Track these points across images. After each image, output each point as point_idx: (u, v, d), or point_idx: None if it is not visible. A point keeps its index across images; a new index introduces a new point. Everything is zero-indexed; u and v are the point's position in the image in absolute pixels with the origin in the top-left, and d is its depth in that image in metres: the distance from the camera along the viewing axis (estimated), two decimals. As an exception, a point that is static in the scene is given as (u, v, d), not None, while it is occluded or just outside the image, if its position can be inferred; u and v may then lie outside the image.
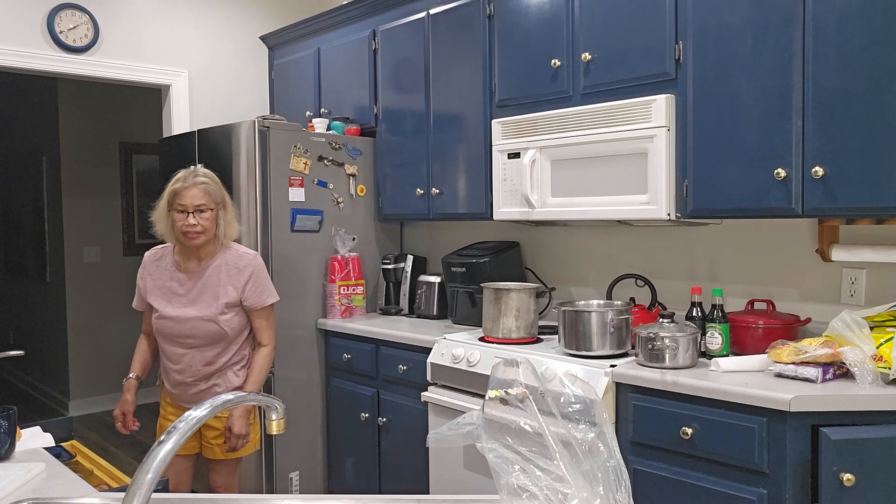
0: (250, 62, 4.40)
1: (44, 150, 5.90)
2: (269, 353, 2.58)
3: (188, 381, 2.51)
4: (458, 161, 3.18)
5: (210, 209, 2.43)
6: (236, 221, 2.56)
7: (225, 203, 2.50)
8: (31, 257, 6.24)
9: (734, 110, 2.26)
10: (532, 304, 2.73)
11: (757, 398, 1.93)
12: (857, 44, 2.00)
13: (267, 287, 2.55)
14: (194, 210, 2.40)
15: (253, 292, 2.51)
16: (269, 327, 2.58)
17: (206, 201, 2.42)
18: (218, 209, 2.47)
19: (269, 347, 2.58)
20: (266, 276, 2.56)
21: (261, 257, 2.59)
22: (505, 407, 1.15)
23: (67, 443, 2.10)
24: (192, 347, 2.48)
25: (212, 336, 2.47)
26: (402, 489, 3.10)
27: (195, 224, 2.39)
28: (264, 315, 2.56)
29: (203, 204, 2.41)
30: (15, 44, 3.54)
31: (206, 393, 2.51)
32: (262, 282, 2.53)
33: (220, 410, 1.07)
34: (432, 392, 2.80)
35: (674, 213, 2.43)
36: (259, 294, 2.52)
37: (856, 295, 2.36)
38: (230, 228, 2.52)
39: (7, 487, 1.43)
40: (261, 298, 2.52)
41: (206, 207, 2.42)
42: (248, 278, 2.50)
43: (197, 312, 2.45)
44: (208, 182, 2.45)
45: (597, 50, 2.61)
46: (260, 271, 2.53)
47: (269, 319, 2.58)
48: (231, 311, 2.48)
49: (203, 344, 2.48)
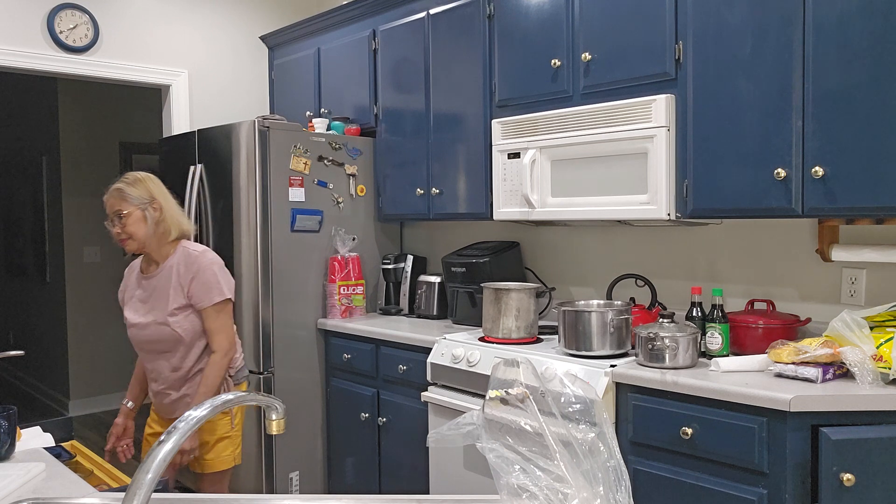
0: (250, 62, 4.40)
1: (44, 150, 5.90)
2: (220, 363, 2.38)
3: (162, 390, 2.45)
4: (458, 161, 3.18)
5: (129, 213, 2.31)
6: (182, 217, 2.43)
7: (155, 201, 2.36)
8: (31, 257, 6.24)
9: (734, 110, 2.26)
10: (532, 304, 2.73)
11: (757, 398, 1.93)
12: (857, 44, 2.00)
13: (215, 285, 2.37)
14: (114, 217, 2.31)
15: (198, 290, 2.35)
16: (220, 331, 2.39)
17: (121, 206, 2.31)
18: (144, 210, 2.33)
19: (219, 355, 2.38)
20: (216, 273, 2.38)
21: (213, 253, 2.43)
22: (505, 407, 1.15)
23: (67, 443, 2.09)
24: (156, 354, 2.41)
25: (169, 341, 2.37)
26: (402, 489, 3.10)
27: (119, 232, 2.31)
28: (213, 316, 2.38)
29: (120, 209, 2.30)
30: (15, 44, 3.54)
31: (179, 402, 2.44)
32: (208, 279, 2.36)
33: (220, 410, 1.07)
34: (432, 392, 2.80)
35: (674, 213, 2.43)
36: (205, 292, 2.36)
37: (856, 295, 2.36)
38: (171, 226, 2.38)
39: (7, 487, 1.43)
40: (206, 296, 2.35)
41: (125, 212, 2.30)
42: (193, 276, 2.36)
43: (153, 317, 2.37)
44: (123, 186, 2.33)
45: (597, 50, 2.61)
46: (207, 268, 2.37)
47: (220, 321, 2.39)
48: (182, 312, 2.36)
49: (165, 350, 2.39)
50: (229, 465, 2.50)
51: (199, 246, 2.45)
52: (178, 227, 2.41)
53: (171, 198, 2.43)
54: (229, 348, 2.41)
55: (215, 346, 2.38)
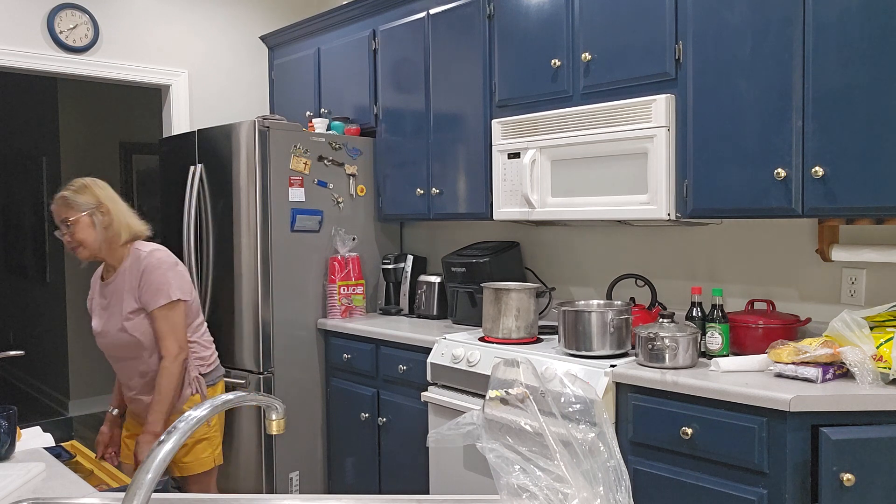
0: (250, 62, 4.40)
1: (44, 150, 5.90)
2: (170, 368, 2.30)
3: (134, 396, 2.43)
4: (458, 161, 3.18)
5: (77, 219, 2.27)
6: (132, 218, 2.38)
7: (102, 205, 2.31)
8: (31, 257, 6.24)
9: (734, 110, 2.26)
10: (532, 304, 2.73)
11: (757, 398, 1.93)
12: (857, 44, 2.00)
13: (162, 286, 2.29)
14: (62, 225, 2.27)
15: (146, 292, 2.29)
16: (168, 334, 2.30)
17: (68, 213, 2.26)
18: (92, 215, 2.29)
19: (168, 360, 2.30)
20: (164, 273, 2.31)
21: (163, 252, 2.37)
22: (505, 407, 1.15)
23: (67, 443, 2.09)
24: (123, 360, 2.39)
25: (130, 346, 2.34)
26: (402, 489, 3.10)
27: (69, 240, 2.27)
28: (160, 318, 2.30)
29: (67, 217, 2.26)
30: (15, 44, 3.54)
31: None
32: (155, 279, 2.29)
33: (220, 410, 1.07)
34: (432, 392, 2.80)
35: (674, 213, 2.43)
36: (151, 294, 2.28)
37: (856, 295, 2.36)
38: (121, 229, 2.33)
39: (7, 487, 1.43)
40: (153, 299, 2.28)
41: (72, 219, 2.26)
42: (140, 278, 2.29)
43: (113, 324, 2.34)
44: (69, 193, 2.28)
45: (597, 50, 2.61)
46: (154, 269, 2.29)
47: (169, 324, 2.31)
48: (136, 316, 2.31)
49: (129, 356, 2.36)
50: (209, 467, 2.48)
51: (149, 245, 2.39)
52: (129, 230, 2.36)
53: (119, 200, 2.38)
54: (179, 352, 2.33)
55: (163, 350, 2.31)
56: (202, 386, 2.45)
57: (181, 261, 2.40)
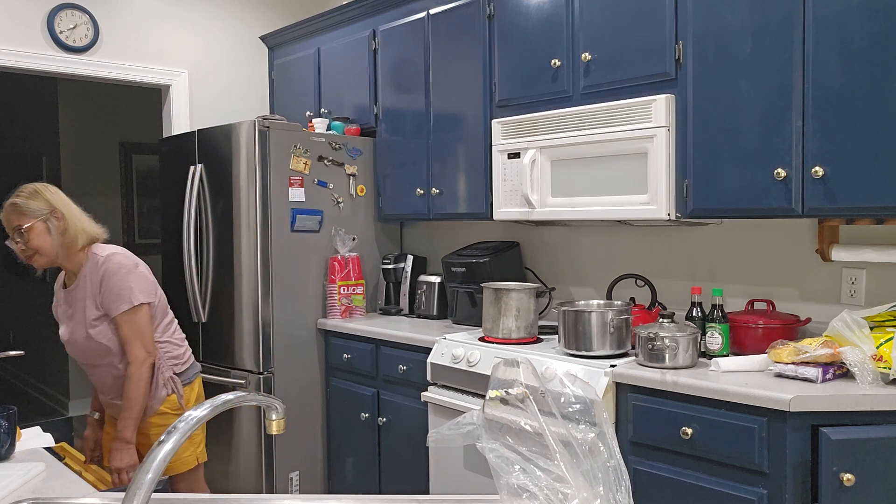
0: (250, 62, 4.40)
1: (44, 150, 5.90)
2: (137, 374, 2.26)
3: (110, 400, 2.41)
4: (458, 161, 3.18)
5: (31, 226, 2.20)
6: (87, 222, 2.32)
7: (55, 210, 2.25)
8: (31, 257, 6.23)
9: (734, 110, 2.26)
10: (532, 304, 2.73)
11: (757, 398, 1.93)
12: (857, 44, 2.00)
13: (123, 291, 2.24)
14: (15, 233, 2.21)
15: (107, 298, 2.24)
16: (133, 339, 2.25)
17: (21, 221, 2.20)
18: (46, 221, 2.22)
19: (134, 366, 2.26)
20: (123, 277, 2.25)
21: (122, 255, 2.30)
22: (505, 407, 1.15)
23: (57, 445, 2.07)
24: (95, 367, 2.37)
25: (98, 353, 2.31)
26: (402, 489, 3.10)
27: (24, 248, 2.21)
28: (123, 324, 2.25)
29: (20, 224, 2.20)
30: (15, 44, 3.54)
31: None
32: (114, 285, 2.23)
33: (220, 411, 1.07)
34: (432, 392, 2.80)
35: (674, 213, 2.43)
36: (112, 300, 2.24)
37: (856, 295, 2.36)
38: (77, 233, 2.27)
39: (7, 487, 1.43)
40: (114, 305, 2.23)
41: (26, 226, 2.20)
42: (100, 283, 2.24)
43: (79, 332, 2.30)
44: (20, 200, 2.22)
45: (597, 50, 2.61)
46: (113, 274, 2.24)
47: (134, 329, 2.26)
48: (100, 323, 2.28)
49: (100, 362, 2.34)
50: (192, 465, 2.46)
51: (107, 248, 2.33)
52: (86, 234, 2.30)
53: (72, 205, 2.32)
54: (146, 356, 2.29)
55: (129, 355, 2.27)
56: (178, 385, 2.42)
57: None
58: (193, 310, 3.50)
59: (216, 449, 3.42)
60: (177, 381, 2.42)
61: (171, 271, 3.70)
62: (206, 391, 2.62)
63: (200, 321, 3.51)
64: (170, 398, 2.41)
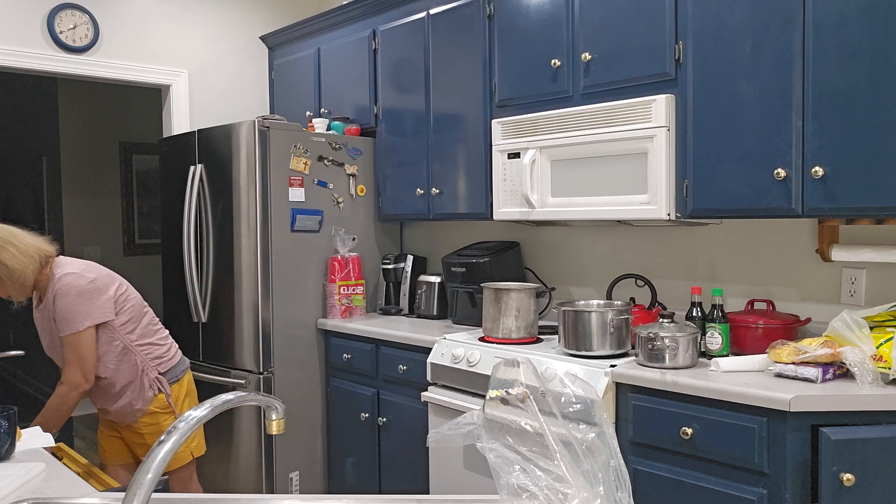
0: (250, 62, 4.40)
1: (44, 150, 5.89)
2: (65, 395, 2.23)
3: (101, 407, 2.44)
4: (458, 161, 3.18)
5: None
6: (29, 248, 2.23)
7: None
8: (30, 257, 6.23)
9: (734, 110, 2.26)
10: (532, 304, 2.73)
11: (757, 398, 1.93)
12: (857, 44, 2.00)
13: (69, 315, 2.21)
14: None
15: (57, 317, 2.23)
16: (74, 363, 2.23)
17: None
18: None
19: (66, 387, 2.23)
20: (72, 300, 2.22)
21: (74, 276, 2.25)
22: (505, 407, 1.15)
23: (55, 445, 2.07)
24: None
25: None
26: (402, 489, 3.10)
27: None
28: (68, 345, 2.23)
29: None
30: (15, 44, 3.54)
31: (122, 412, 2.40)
32: (60, 307, 2.21)
33: (220, 411, 1.07)
34: (432, 392, 2.80)
35: (674, 213, 2.43)
36: (60, 320, 2.22)
37: (856, 295, 2.36)
38: (26, 266, 2.20)
39: (7, 487, 1.43)
40: (60, 326, 2.22)
41: None
42: (53, 302, 2.23)
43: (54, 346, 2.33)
44: None
45: (597, 50, 2.61)
46: (62, 296, 2.21)
47: (76, 353, 2.23)
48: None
49: None
50: (187, 460, 2.48)
51: (64, 266, 2.28)
52: (34, 262, 2.22)
53: (11, 239, 2.20)
54: (81, 382, 2.25)
55: (64, 376, 2.24)
56: (164, 385, 2.42)
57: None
58: (193, 310, 3.50)
59: (216, 449, 3.42)
60: (163, 380, 2.43)
61: (171, 271, 3.71)
62: (207, 391, 2.63)
63: (200, 321, 3.51)
64: (158, 397, 2.43)
